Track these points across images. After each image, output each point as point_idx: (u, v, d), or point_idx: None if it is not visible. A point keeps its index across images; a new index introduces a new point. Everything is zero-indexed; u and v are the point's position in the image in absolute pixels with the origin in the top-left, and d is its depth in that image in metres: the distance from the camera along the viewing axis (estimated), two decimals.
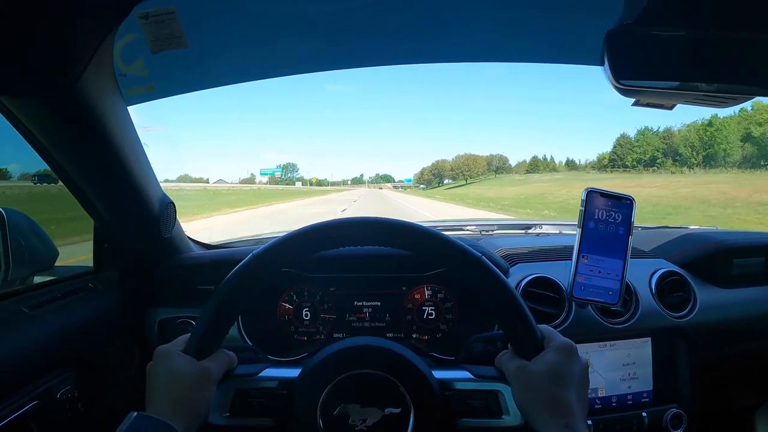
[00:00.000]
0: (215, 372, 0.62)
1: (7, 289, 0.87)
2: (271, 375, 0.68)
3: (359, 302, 1.07)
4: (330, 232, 0.65)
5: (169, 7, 0.69)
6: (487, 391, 0.66)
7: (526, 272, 1.04)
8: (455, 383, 0.67)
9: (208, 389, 0.60)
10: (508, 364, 0.63)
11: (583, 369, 0.61)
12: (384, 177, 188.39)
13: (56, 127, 0.70)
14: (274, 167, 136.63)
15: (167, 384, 0.59)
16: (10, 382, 0.69)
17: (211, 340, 0.63)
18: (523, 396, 0.60)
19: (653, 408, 1.02)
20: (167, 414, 0.55)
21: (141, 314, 1.03)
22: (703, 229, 1.48)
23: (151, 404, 0.58)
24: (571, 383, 0.58)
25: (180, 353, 0.61)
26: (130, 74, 0.77)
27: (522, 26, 0.94)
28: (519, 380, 0.60)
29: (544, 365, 0.59)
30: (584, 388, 0.60)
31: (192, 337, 0.63)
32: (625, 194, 0.91)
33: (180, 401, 0.58)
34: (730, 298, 1.11)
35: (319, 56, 1.06)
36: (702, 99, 0.67)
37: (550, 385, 0.58)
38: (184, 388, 0.58)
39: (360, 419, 0.63)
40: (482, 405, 0.65)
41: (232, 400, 0.66)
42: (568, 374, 0.59)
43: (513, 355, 0.63)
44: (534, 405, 0.58)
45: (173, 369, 0.59)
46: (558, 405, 0.57)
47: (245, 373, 0.68)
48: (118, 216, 0.89)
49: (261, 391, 0.67)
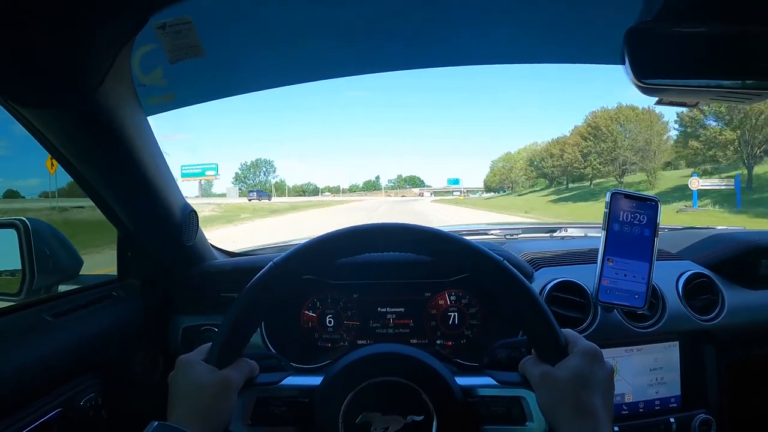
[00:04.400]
0: (236, 381, 0.62)
1: (31, 298, 0.89)
2: (293, 383, 0.68)
3: (383, 309, 1.07)
4: (351, 240, 0.64)
5: (185, 17, 0.69)
6: (510, 398, 0.65)
7: (550, 276, 1.03)
8: (478, 390, 0.66)
9: (229, 398, 0.60)
10: (531, 370, 0.61)
11: (609, 374, 0.60)
12: (410, 180, 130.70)
13: (76, 138, 0.72)
14: (201, 163, 65.14)
15: (188, 393, 0.59)
16: (34, 390, 0.70)
17: (233, 349, 0.63)
18: (547, 402, 0.59)
19: (681, 414, 1.00)
20: (188, 424, 0.55)
21: (165, 322, 1.04)
22: (730, 229, 1.44)
23: (173, 414, 0.58)
24: (597, 388, 0.57)
25: (201, 362, 0.61)
26: (149, 84, 0.78)
27: (540, 26, 0.92)
28: (543, 386, 0.59)
29: (568, 370, 0.58)
30: (610, 393, 0.59)
31: (213, 346, 0.63)
32: (651, 195, 0.90)
33: (201, 411, 0.58)
34: (759, 300, 1.08)
35: (337, 62, 1.06)
36: (726, 95, 0.66)
37: (574, 391, 0.56)
38: (206, 398, 0.58)
39: (382, 427, 0.62)
40: (505, 411, 0.64)
41: (253, 409, 0.66)
42: (593, 379, 0.57)
43: (537, 361, 0.62)
44: (559, 411, 0.57)
45: (194, 378, 0.59)
46: (583, 411, 0.55)
47: (267, 382, 0.67)
48: (140, 225, 0.91)
49: (283, 399, 0.67)
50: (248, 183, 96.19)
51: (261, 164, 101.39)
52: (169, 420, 0.57)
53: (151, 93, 0.81)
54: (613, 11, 0.80)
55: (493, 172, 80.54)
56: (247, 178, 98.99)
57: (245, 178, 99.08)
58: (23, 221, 0.92)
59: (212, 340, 0.64)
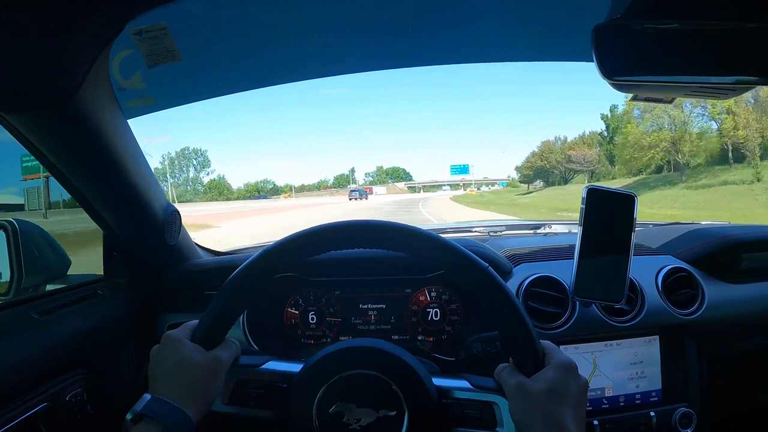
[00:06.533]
0: (225, 361, 0.64)
1: (19, 297, 0.91)
2: (273, 368, 0.70)
3: (364, 305, 1.09)
4: (335, 233, 0.66)
5: (161, 23, 0.71)
6: (483, 402, 0.65)
7: (529, 272, 1.03)
8: (454, 392, 0.67)
9: (217, 378, 0.63)
10: (507, 379, 0.62)
11: (581, 388, 0.61)
12: (393, 173, 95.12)
13: (58, 141, 0.74)
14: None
15: (178, 370, 0.60)
16: (21, 385, 0.73)
17: (219, 331, 0.65)
18: (520, 412, 0.60)
19: (662, 407, 1.01)
20: (178, 398, 0.57)
21: (150, 319, 1.06)
22: (715, 224, 1.44)
23: (160, 388, 0.59)
24: (568, 402, 0.58)
25: (188, 341, 0.63)
26: (129, 88, 0.80)
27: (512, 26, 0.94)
28: (517, 396, 0.60)
29: (543, 383, 0.59)
30: (581, 407, 0.60)
31: (200, 327, 0.65)
32: (627, 191, 0.90)
33: (190, 387, 0.60)
34: (740, 294, 1.08)
35: (315, 62, 1.08)
36: (700, 91, 0.66)
37: (547, 404, 0.58)
38: (195, 375, 0.60)
39: (354, 419, 0.64)
40: (477, 415, 0.65)
41: (233, 389, 0.67)
42: (566, 392, 0.59)
43: (513, 370, 0.63)
44: (530, 422, 0.58)
45: (183, 355, 0.61)
46: (553, 424, 0.57)
47: (248, 364, 0.69)
48: (123, 225, 0.93)
49: (261, 382, 0.68)
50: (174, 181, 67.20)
51: (190, 156, 70.66)
52: (156, 393, 0.58)
53: (132, 96, 0.83)
54: (583, 9, 0.81)
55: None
56: (171, 175, 67.86)
57: (167, 175, 65.71)
58: (11, 222, 0.94)
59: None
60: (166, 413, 0.56)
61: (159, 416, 0.55)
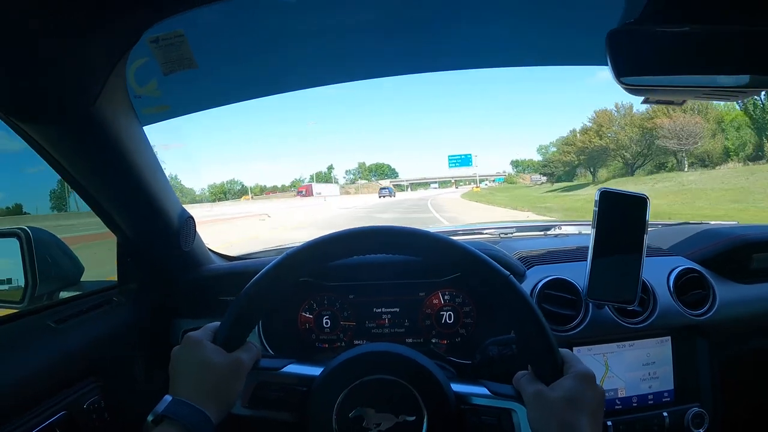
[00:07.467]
0: (247, 363, 0.64)
1: (34, 305, 0.91)
2: (294, 371, 0.70)
3: (378, 309, 1.09)
4: (350, 241, 0.66)
5: (177, 30, 0.71)
6: (501, 409, 0.66)
7: (542, 274, 1.04)
8: (472, 398, 0.67)
9: (239, 380, 0.63)
10: (526, 387, 0.63)
11: (599, 397, 0.61)
12: (377, 169, 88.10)
13: (75, 150, 0.74)
14: None
15: (199, 372, 0.61)
16: (39, 393, 0.73)
17: (239, 334, 0.65)
18: (537, 420, 0.60)
19: (674, 408, 1.01)
20: (199, 400, 0.58)
21: (165, 326, 1.06)
22: (723, 224, 1.45)
23: (180, 388, 0.60)
24: (586, 410, 0.59)
25: (210, 343, 0.63)
26: (144, 96, 0.81)
27: (524, 30, 0.94)
28: (535, 404, 0.61)
29: (561, 391, 0.60)
30: (598, 416, 0.61)
31: (221, 329, 0.65)
32: (639, 193, 0.91)
33: (212, 390, 0.60)
34: (751, 294, 1.09)
35: (328, 69, 1.08)
36: (711, 94, 0.67)
37: (565, 412, 0.58)
38: (217, 377, 0.61)
39: (374, 423, 0.64)
40: (495, 422, 0.65)
41: (252, 392, 0.68)
42: (584, 400, 0.59)
43: (532, 378, 0.64)
44: (547, 430, 0.59)
45: (206, 358, 0.61)
46: (571, 431, 0.57)
47: (269, 367, 0.70)
48: (138, 232, 0.93)
49: (281, 385, 0.68)
50: None
51: None
52: (176, 394, 0.59)
53: (147, 104, 0.83)
54: (596, 14, 0.82)
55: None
56: None
57: None
58: (25, 230, 0.94)
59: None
60: (186, 414, 0.56)
61: (180, 417, 0.55)
